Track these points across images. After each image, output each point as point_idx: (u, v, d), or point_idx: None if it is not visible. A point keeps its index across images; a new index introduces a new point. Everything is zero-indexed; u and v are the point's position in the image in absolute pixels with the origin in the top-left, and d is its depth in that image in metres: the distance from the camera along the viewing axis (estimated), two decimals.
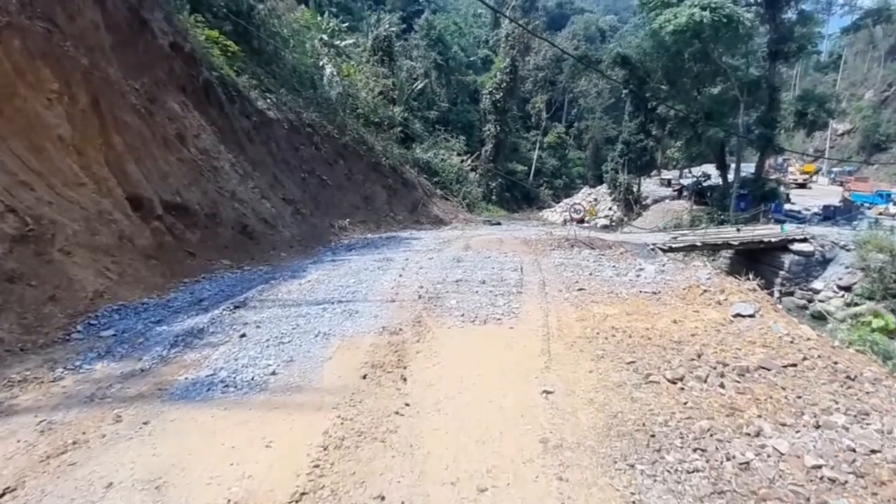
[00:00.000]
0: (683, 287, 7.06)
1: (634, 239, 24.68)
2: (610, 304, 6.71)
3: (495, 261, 11.06)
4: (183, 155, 12.37)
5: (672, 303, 6.59)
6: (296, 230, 16.77)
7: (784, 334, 5.14)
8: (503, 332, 5.77)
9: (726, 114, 30.78)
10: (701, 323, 5.72)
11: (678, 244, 23.92)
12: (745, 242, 24.57)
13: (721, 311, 6.10)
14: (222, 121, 15.39)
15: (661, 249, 23.49)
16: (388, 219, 23.64)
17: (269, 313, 6.61)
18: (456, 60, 46.41)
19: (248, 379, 4.47)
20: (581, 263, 10.22)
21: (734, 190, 30.57)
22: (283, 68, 22.21)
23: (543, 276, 9.01)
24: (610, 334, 5.45)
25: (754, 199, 30.84)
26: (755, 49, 30.50)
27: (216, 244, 11.77)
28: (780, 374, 4.18)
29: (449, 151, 33.86)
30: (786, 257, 25.11)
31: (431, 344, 5.39)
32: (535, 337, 5.51)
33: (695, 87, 32.11)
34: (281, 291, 7.90)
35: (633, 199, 40.30)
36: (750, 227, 26.07)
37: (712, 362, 4.38)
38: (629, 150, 39.47)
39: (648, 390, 3.93)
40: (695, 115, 29.89)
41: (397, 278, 9.02)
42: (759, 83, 30.17)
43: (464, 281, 8.57)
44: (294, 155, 19.79)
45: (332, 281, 8.76)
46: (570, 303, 6.97)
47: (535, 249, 13.62)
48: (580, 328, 5.78)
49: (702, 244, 24.32)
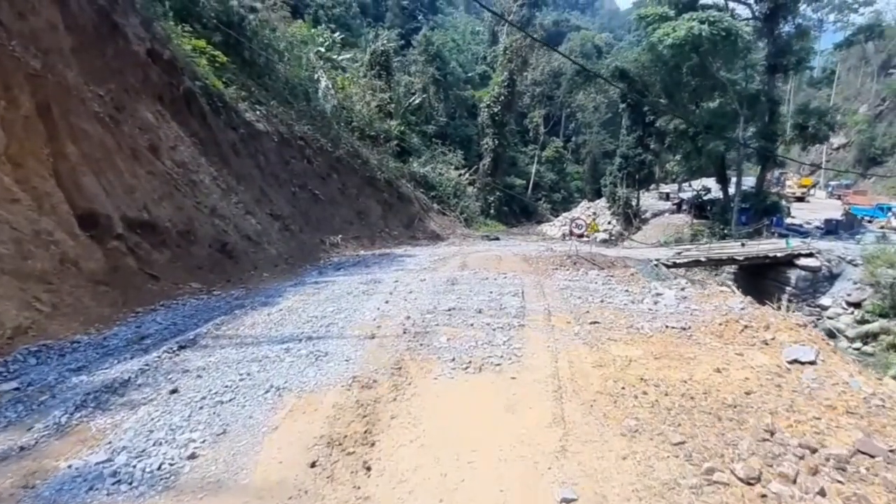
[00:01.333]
0: (719, 322, 5.79)
1: (636, 254, 23.45)
2: (631, 342, 5.44)
3: (493, 283, 9.80)
4: (155, 168, 11.18)
5: (707, 342, 5.32)
6: (283, 247, 15.53)
7: (868, 393, 3.89)
8: (503, 384, 4.48)
9: (726, 127, 29.80)
10: (751, 373, 4.45)
11: (682, 260, 22.70)
12: (749, 258, 23.34)
13: (771, 355, 4.84)
14: (204, 132, 14.24)
15: (664, 265, 22.27)
16: (382, 234, 22.42)
17: (219, 356, 5.32)
18: (454, 76, 45.66)
19: (152, 468, 3.17)
20: (588, 286, 8.95)
21: (735, 204, 29.44)
22: (275, 80, 21.18)
23: (548, 302, 7.74)
24: (640, 389, 4.17)
25: (756, 213, 29.71)
26: (754, 63, 29.64)
27: (188, 265, 10.51)
28: (893, 465, 2.93)
29: (446, 165, 32.79)
30: (792, 273, 23.90)
31: (411, 404, 4.09)
32: (543, 393, 4.22)
33: (693, 101, 31.20)
34: (244, 324, 6.62)
35: (633, 213, 39.18)
36: (754, 241, 24.89)
37: (793, 445, 3.11)
38: (627, 164, 38.50)
39: (715, 498, 2.66)
40: (694, 129, 28.88)
41: (382, 305, 7.74)
42: (758, 97, 29.25)
43: (457, 310, 7.29)
44: (284, 168, 18.64)
45: (308, 309, 7.48)
46: (582, 340, 5.68)
47: (536, 269, 12.37)
48: (600, 379, 4.49)
49: (706, 259, 23.10)
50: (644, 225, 39.36)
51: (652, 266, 21.11)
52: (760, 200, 29.37)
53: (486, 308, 7.38)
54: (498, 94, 33.60)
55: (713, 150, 27.69)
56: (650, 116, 35.82)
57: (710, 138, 28.31)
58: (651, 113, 35.42)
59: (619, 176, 39.48)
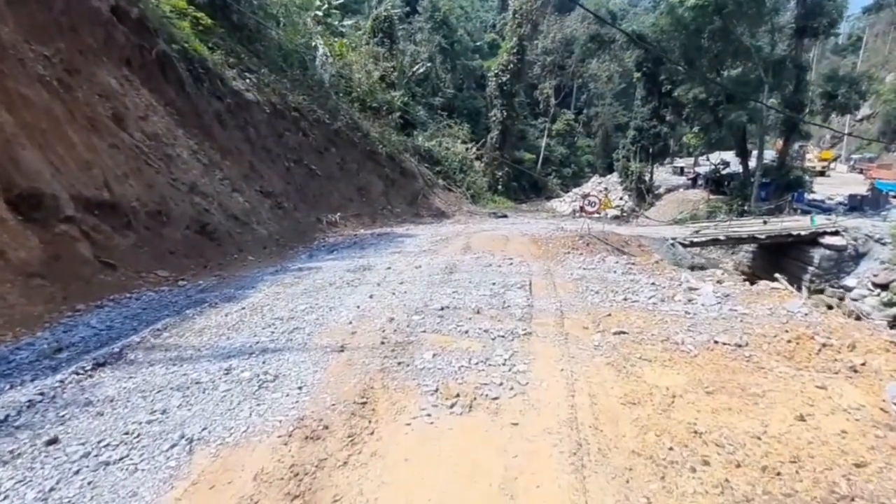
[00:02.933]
0: (786, 337, 4.40)
1: (651, 232, 21.85)
2: (671, 364, 4.10)
3: (497, 271, 8.45)
4: (120, 140, 9.83)
5: (774, 367, 3.95)
6: (274, 227, 14.27)
7: None
8: (501, 435, 3.18)
9: (748, 96, 27.49)
10: (848, 421, 3.12)
11: (700, 238, 21.08)
12: (772, 236, 21.63)
13: (866, 390, 3.50)
14: (182, 101, 12.79)
15: (681, 244, 20.73)
16: (384, 212, 21.04)
17: (140, 379, 4.09)
18: (461, 44, 43.11)
19: None
20: (606, 277, 7.57)
21: (756, 178, 27.43)
22: (268, 46, 19.47)
23: (560, 298, 6.39)
24: (695, 453, 2.85)
25: (777, 189, 27.72)
26: (781, 26, 27.05)
27: (157, 250, 9.27)
28: None
29: (453, 139, 30.93)
30: (815, 251, 22.18)
31: (367, 472, 2.82)
32: (556, 455, 2.92)
33: (714, 68, 28.78)
34: (192, 329, 5.38)
35: (646, 189, 37.19)
36: (777, 218, 23.11)
37: None
38: (641, 137, 36.30)
39: None
40: (715, 98, 26.65)
41: (365, 301, 6.46)
42: (783, 63, 26.82)
43: (452, 309, 5.98)
44: (277, 142, 17.18)
45: (276, 307, 6.22)
46: (605, 357, 4.36)
47: (546, 252, 10.97)
48: (634, 428, 3.18)
49: (725, 238, 21.45)
50: (657, 200, 37.42)
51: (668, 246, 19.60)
52: (783, 175, 27.34)
53: (485, 306, 6.06)
54: (507, 61, 31.21)
55: (735, 121, 25.54)
56: (667, 86, 33.40)
57: (731, 108, 26.11)
58: (668, 82, 33.00)
59: (632, 149, 37.31)
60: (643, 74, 34.82)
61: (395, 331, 5.20)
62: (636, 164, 37.02)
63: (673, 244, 19.94)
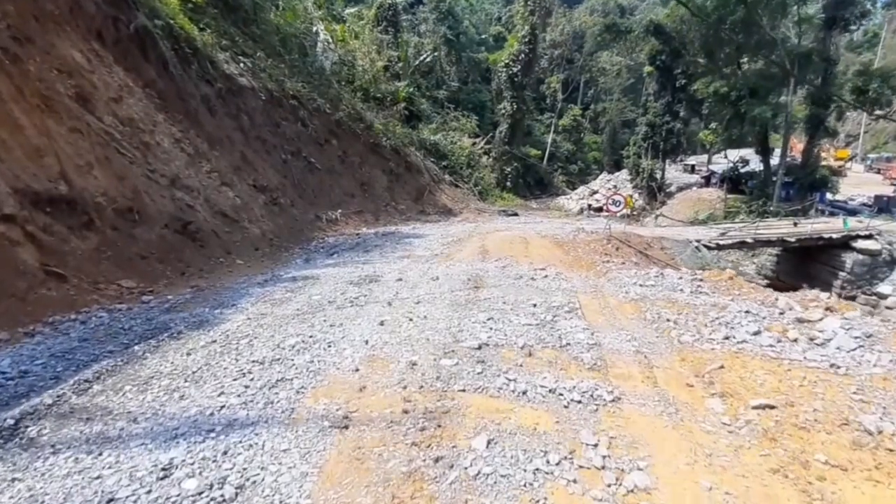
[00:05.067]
0: None
1: (672, 233, 20.28)
2: (883, 475, 2.55)
3: (532, 285, 6.88)
4: (84, 123, 8.23)
5: None
6: (268, 225, 12.69)
7: None
8: None
9: (771, 91, 25.85)
10: None
11: (726, 241, 19.49)
12: (802, 239, 20.06)
13: None
14: (165, 83, 11.15)
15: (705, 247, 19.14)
16: (388, 208, 19.44)
17: (19, 492, 2.51)
18: (467, 36, 41.27)
19: None
20: (676, 298, 6.00)
21: (778, 177, 25.80)
22: (264, 30, 17.78)
23: (631, 333, 4.82)
24: None
25: (801, 188, 26.12)
26: (809, 16, 25.32)
27: (125, 254, 7.70)
28: None
29: (459, 133, 29.22)
30: (847, 256, 20.62)
31: None
32: None
33: (735, 61, 27.07)
34: (136, 378, 3.81)
35: (657, 187, 35.52)
36: (808, 220, 21.53)
37: None
38: (654, 133, 34.60)
39: None
40: (737, 92, 24.97)
41: (375, 331, 4.91)
42: (810, 56, 25.13)
43: (492, 347, 4.42)
44: (273, 132, 15.55)
45: (257, 341, 4.66)
46: (765, 460, 2.78)
47: (577, 258, 9.39)
48: None
49: (753, 240, 19.87)
50: (669, 199, 35.79)
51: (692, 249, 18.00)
52: (807, 174, 25.72)
53: (535, 343, 4.50)
54: (518, 52, 29.34)
55: (759, 116, 23.90)
56: (681, 80, 31.74)
57: (754, 103, 24.45)
58: (683, 76, 31.32)
59: (643, 146, 35.63)
60: (656, 68, 33.08)
61: (420, 387, 3.64)
62: (648, 161, 35.34)
63: (697, 247, 18.38)
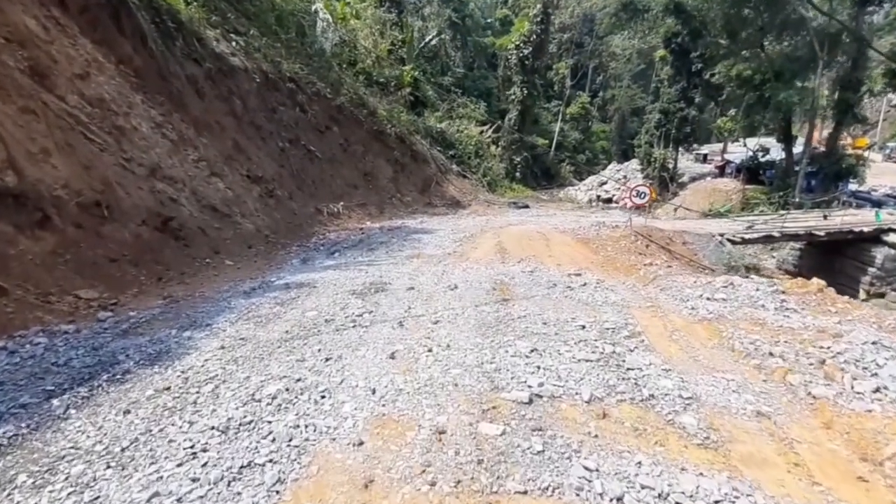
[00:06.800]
0: None
1: (693, 227, 18.96)
2: None
3: (571, 297, 5.66)
4: (40, 103, 6.96)
5: None
6: (263, 220, 11.46)
7: None
8: None
9: (798, 74, 24.27)
10: None
11: (752, 235, 18.18)
12: (832, 232, 18.73)
13: None
14: (143, 60, 9.83)
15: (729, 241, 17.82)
16: (393, 200, 18.17)
17: None
18: (473, 19, 39.47)
19: None
20: (761, 318, 4.74)
21: (802, 167, 24.35)
22: (258, 6, 16.34)
23: (739, 382, 3.57)
24: None
25: (825, 178, 24.68)
26: None
27: (87, 257, 6.49)
28: None
29: (467, 120, 27.73)
30: (878, 251, 19.31)
31: None
32: None
33: (759, 42, 25.42)
34: (36, 458, 2.61)
35: (669, 177, 34.02)
36: (839, 212, 20.16)
37: None
38: (667, 121, 33.00)
39: None
40: (761, 75, 23.42)
41: (384, 371, 3.69)
42: (840, 36, 23.51)
43: (546, 400, 3.19)
44: (269, 117, 14.23)
45: (226, 388, 3.47)
46: None
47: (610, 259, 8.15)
48: None
49: (780, 234, 18.55)
50: (681, 190, 34.32)
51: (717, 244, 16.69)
52: (832, 163, 24.25)
53: (606, 395, 3.28)
54: (529, 32, 27.59)
55: (785, 101, 22.38)
56: (697, 65, 30.07)
57: (779, 87, 22.91)
58: (700, 60, 29.65)
59: (655, 134, 34.06)
60: (671, 51, 31.38)
61: (456, 482, 2.45)
62: (660, 150, 33.80)
63: (722, 241, 17.08)
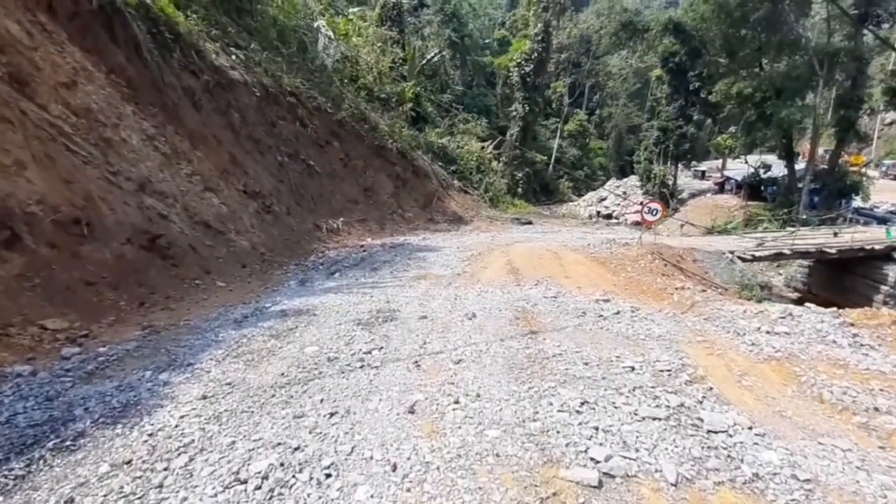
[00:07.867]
0: None
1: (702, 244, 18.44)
2: None
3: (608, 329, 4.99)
4: (18, 112, 6.35)
5: None
6: (260, 237, 10.79)
7: None
8: None
9: (798, 92, 24.13)
10: None
11: (763, 252, 17.65)
12: (843, 250, 18.25)
13: None
14: (136, 70, 9.27)
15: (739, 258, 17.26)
16: (394, 217, 17.55)
17: None
18: (472, 39, 39.57)
19: None
20: (844, 358, 4.03)
21: (805, 183, 24.03)
22: (260, 21, 15.95)
23: (853, 451, 2.88)
24: None
25: (829, 195, 24.33)
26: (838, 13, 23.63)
27: (61, 281, 5.79)
28: None
29: (468, 136, 27.38)
30: (890, 269, 18.76)
31: None
32: None
33: (757, 61, 25.36)
34: None
35: (669, 193, 33.71)
36: (849, 229, 19.71)
37: None
38: (666, 138, 32.87)
39: None
40: (762, 93, 23.25)
41: (403, 447, 2.99)
42: (839, 55, 23.45)
43: (621, 482, 2.49)
44: (268, 131, 13.68)
45: (193, 475, 2.74)
46: None
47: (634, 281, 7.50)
48: None
49: (791, 252, 18.04)
50: (682, 206, 34.01)
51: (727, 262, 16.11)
52: (836, 180, 23.93)
53: (695, 473, 2.62)
54: (530, 50, 27.48)
55: (787, 118, 22.15)
56: (695, 83, 30.06)
57: (780, 104, 22.71)
58: (697, 79, 29.64)
59: (655, 151, 33.89)
60: (668, 70, 31.41)
61: None
62: (660, 166, 33.57)
63: (732, 260, 16.52)
